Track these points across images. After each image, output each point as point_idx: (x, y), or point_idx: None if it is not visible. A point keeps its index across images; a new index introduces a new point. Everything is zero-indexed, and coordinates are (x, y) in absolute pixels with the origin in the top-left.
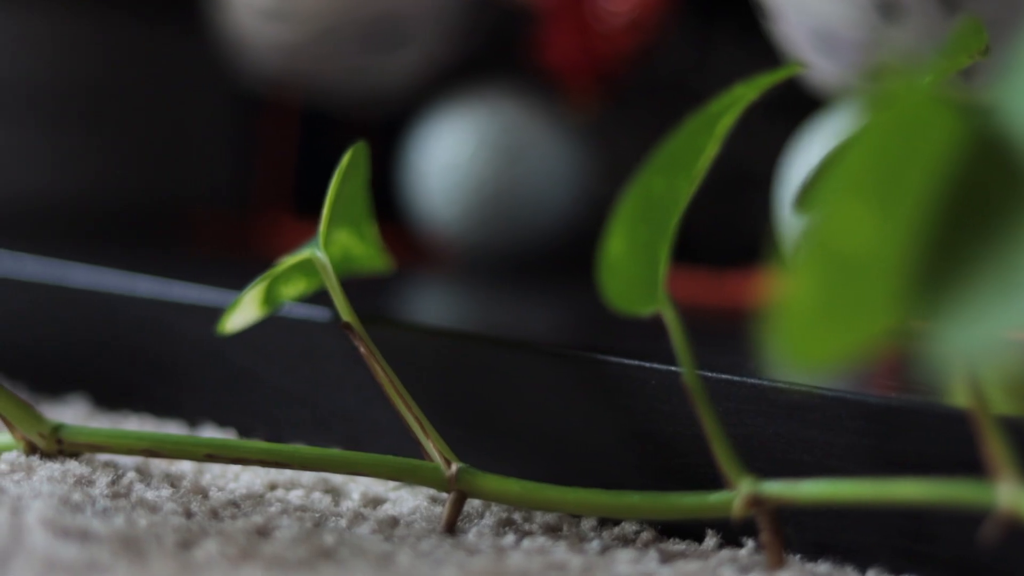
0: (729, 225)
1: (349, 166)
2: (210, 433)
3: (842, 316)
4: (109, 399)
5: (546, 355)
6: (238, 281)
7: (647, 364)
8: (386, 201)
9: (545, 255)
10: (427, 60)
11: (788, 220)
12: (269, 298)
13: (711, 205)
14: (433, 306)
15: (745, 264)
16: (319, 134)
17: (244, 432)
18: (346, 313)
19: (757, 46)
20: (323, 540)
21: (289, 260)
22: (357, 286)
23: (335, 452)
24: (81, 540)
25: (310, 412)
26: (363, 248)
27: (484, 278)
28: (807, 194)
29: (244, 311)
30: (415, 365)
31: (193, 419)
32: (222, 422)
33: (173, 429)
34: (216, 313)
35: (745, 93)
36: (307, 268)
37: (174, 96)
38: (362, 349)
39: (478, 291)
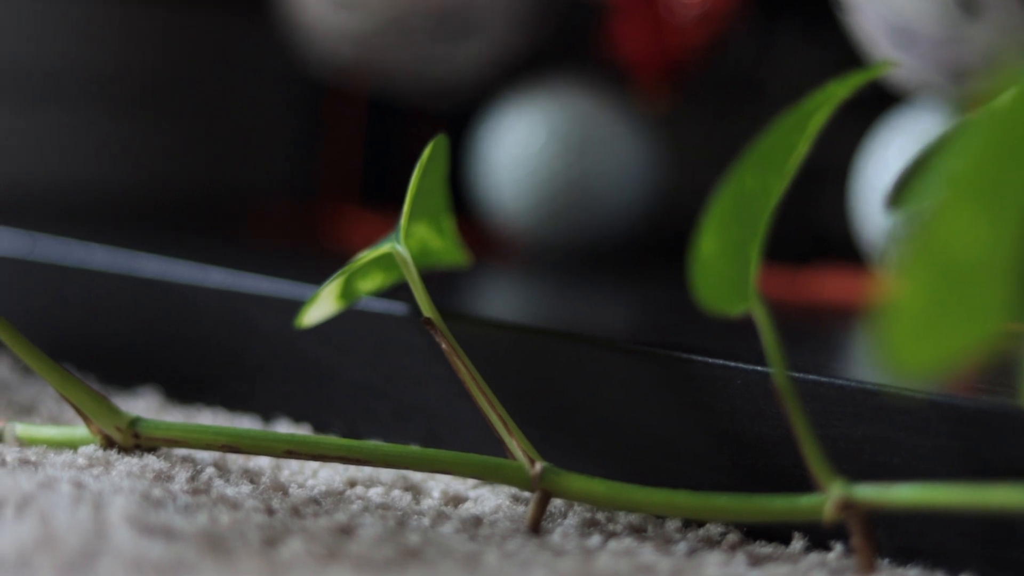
0: (801, 221)
1: (430, 159)
2: (284, 428)
3: (951, 320)
4: (181, 392)
5: (628, 353)
6: (310, 273)
7: (732, 364)
8: (453, 193)
9: (614, 248)
10: (496, 51)
11: (869, 216)
12: (346, 292)
13: (783, 201)
14: (503, 300)
15: (817, 260)
16: (386, 124)
17: (320, 427)
18: (427, 309)
19: (822, 38)
20: (408, 539)
21: (369, 254)
22: (424, 279)
23: (417, 450)
24: (166, 538)
25: (387, 407)
26: (441, 242)
27: (553, 271)
28: (902, 192)
29: (322, 305)
30: (493, 361)
31: (267, 413)
32: (297, 417)
33: (246, 423)
34: (290, 305)
35: (837, 91)
36: (385, 262)
37: (240, 84)
38: (444, 345)
39: (548, 284)
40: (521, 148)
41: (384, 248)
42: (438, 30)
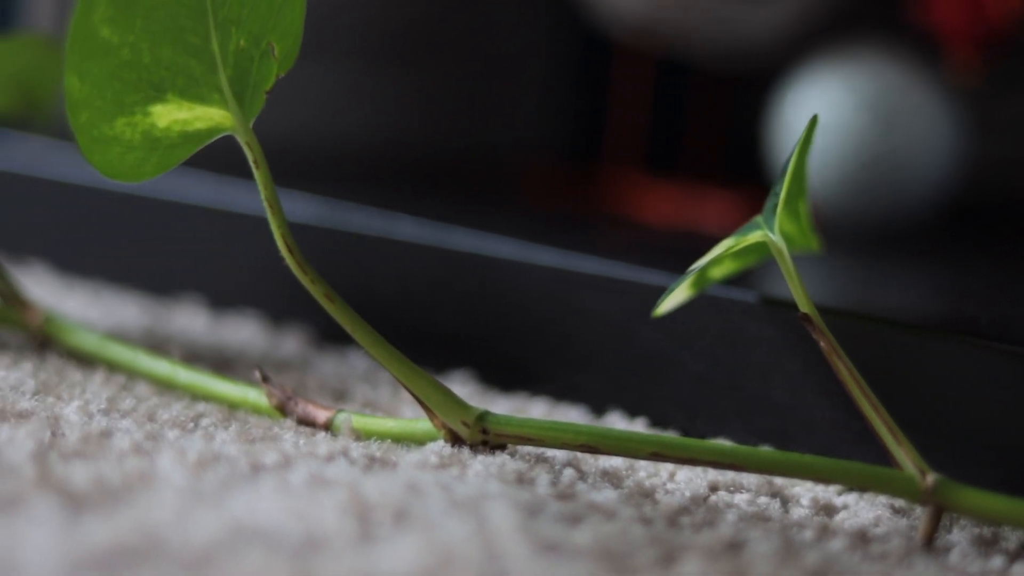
0: None
1: (804, 140)
2: (618, 422)
3: None
4: (499, 378)
5: (1013, 356)
6: (633, 251)
7: None
8: (748, 160)
9: (918, 225)
10: (799, 14)
11: None
12: (699, 279)
13: None
14: (819, 282)
15: None
16: (674, 87)
17: (657, 421)
18: (804, 303)
19: None
20: (805, 559)
21: (738, 242)
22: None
23: (796, 456)
24: (564, 556)
25: (730, 402)
26: (795, 227)
27: (859, 248)
28: None
29: (677, 293)
30: (858, 358)
31: (598, 405)
32: (632, 410)
33: (574, 415)
34: (623, 287)
35: None
36: (743, 249)
37: (512, 36)
38: (823, 344)
39: (860, 264)
40: (826, 118)
41: (754, 236)
42: None
